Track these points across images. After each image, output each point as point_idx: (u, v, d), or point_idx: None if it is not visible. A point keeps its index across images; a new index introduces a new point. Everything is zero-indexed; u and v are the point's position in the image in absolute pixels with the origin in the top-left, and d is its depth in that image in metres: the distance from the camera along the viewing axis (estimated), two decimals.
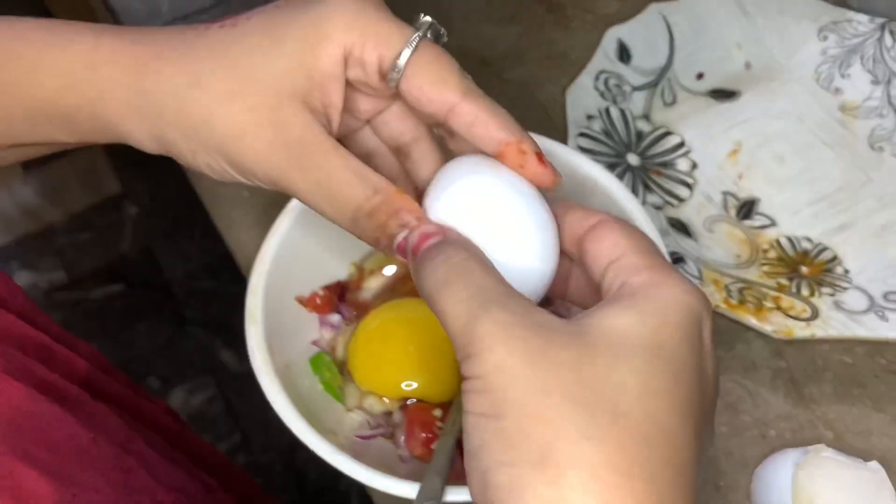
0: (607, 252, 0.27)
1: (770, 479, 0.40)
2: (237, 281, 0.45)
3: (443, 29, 0.30)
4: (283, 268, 0.40)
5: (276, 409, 0.35)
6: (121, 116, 0.31)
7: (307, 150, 0.29)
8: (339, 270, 0.45)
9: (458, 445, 0.34)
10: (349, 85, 0.31)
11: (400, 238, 0.28)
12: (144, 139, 0.32)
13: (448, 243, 0.27)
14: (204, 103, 0.29)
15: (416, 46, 0.29)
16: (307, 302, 0.42)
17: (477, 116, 0.29)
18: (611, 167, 0.53)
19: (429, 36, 0.30)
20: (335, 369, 0.42)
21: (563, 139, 0.55)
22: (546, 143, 0.41)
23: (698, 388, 0.24)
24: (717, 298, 0.47)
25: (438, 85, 0.29)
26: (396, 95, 0.31)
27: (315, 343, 0.43)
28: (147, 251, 1.51)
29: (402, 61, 0.29)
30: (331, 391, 0.41)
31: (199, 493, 0.44)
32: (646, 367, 0.23)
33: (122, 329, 1.44)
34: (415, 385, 0.40)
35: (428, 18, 0.29)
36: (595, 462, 0.21)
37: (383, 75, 0.30)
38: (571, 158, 0.43)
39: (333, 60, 0.29)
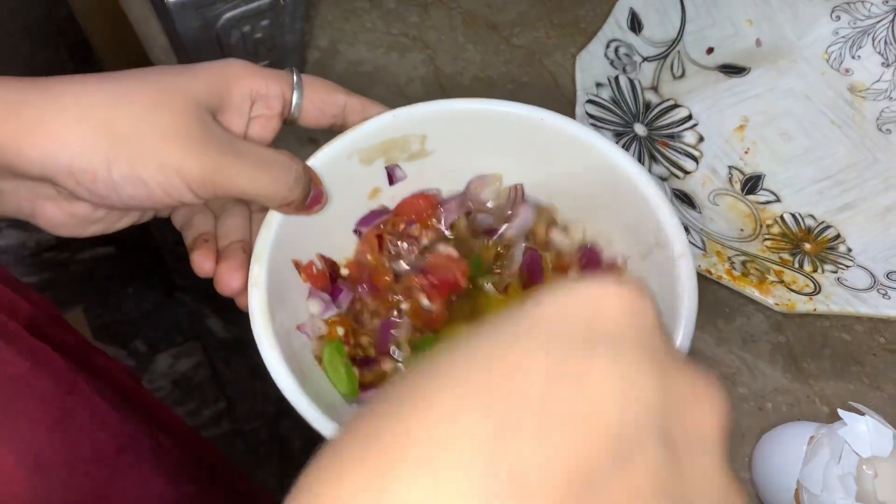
0: None
1: (777, 451, 0.40)
2: None
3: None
4: (290, 233, 0.38)
5: (275, 378, 0.33)
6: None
7: (235, 141, 0.34)
8: (347, 244, 0.43)
9: None
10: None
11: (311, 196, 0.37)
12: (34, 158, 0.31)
13: None
14: (131, 113, 0.31)
15: (301, 77, 0.37)
16: (303, 269, 0.40)
17: (363, 105, 0.39)
18: (618, 136, 0.52)
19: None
20: (351, 370, 0.39)
21: (570, 107, 0.54)
22: (554, 119, 0.39)
23: None
24: (720, 269, 0.47)
25: (331, 93, 0.38)
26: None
27: (301, 328, 0.39)
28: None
29: (296, 90, 0.37)
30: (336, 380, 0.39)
31: (147, 446, 0.42)
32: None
33: (109, 292, 1.43)
34: None
35: (291, 67, 0.39)
36: None
37: (286, 107, 0.37)
38: (579, 132, 0.39)
39: (242, 96, 0.36)
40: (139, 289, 1.42)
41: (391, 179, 0.42)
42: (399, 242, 0.42)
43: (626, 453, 0.17)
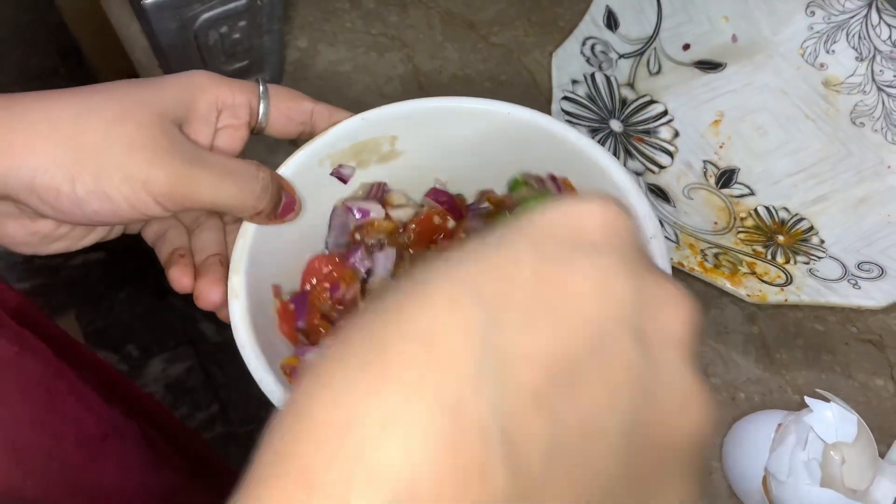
0: None
1: (746, 439, 0.40)
2: None
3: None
4: (266, 242, 0.38)
5: (262, 387, 0.33)
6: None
7: (201, 153, 0.34)
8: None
9: None
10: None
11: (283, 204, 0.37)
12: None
13: None
14: (97, 128, 0.31)
15: (266, 87, 0.38)
16: (280, 300, 0.39)
17: (330, 112, 0.39)
18: (593, 132, 0.53)
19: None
20: None
21: (547, 105, 0.55)
22: (522, 113, 0.40)
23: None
24: (692, 262, 0.47)
25: (297, 100, 0.38)
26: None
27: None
28: None
29: (262, 99, 0.37)
30: None
31: (133, 434, 0.42)
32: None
33: (101, 297, 1.43)
34: None
35: (256, 78, 0.40)
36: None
37: (253, 117, 0.37)
38: (555, 128, 0.40)
39: (208, 106, 0.36)
40: (131, 293, 1.42)
41: (342, 178, 0.41)
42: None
43: (603, 345, 0.18)
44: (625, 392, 0.19)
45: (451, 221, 0.42)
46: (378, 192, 0.43)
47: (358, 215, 0.42)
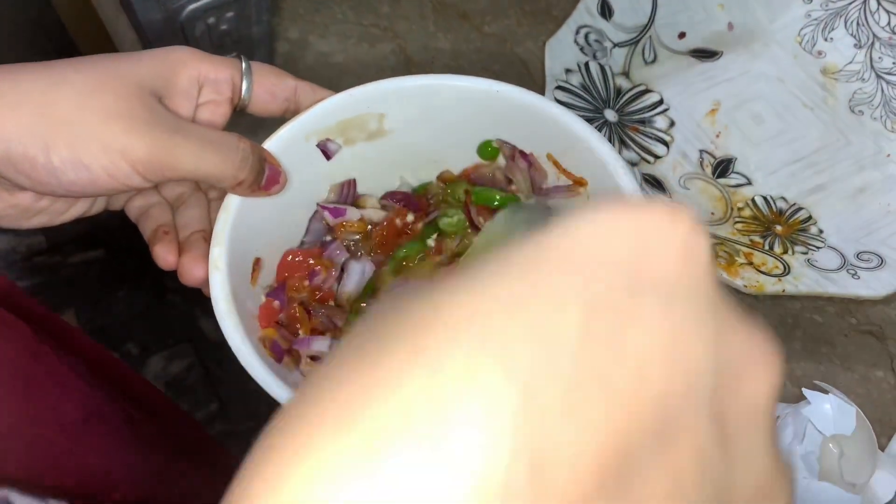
0: None
1: None
2: None
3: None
4: (250, 216, 0.38)
5: (240, 359, 0.33)
6: None
7: (180, 122, 0.33)
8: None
9: None
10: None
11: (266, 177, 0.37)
12: None
13: None
14: (71, 97, 0.31)
15: (249, 64, 0.37)
16: (264, 308, 0.38)
17: (314, 89, 0.39)
18: (587, 122, 0.52)
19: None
20: None
21: (540, 94, 0.54)
22: (510, 90, 0.39)
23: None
24: None
25: (281, 77, 0.38)
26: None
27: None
28: (127, 218, 1.49)
29: (245, 75, 0.37)
30: None
31: (116, 417, 0.42)
32: None
33: (100, 295, 1.43)
34: None
35: (239, 55, 0.39)
36: None
37: (236, 93, 0.36)
38: (552, 110, 0.39)
39: (189, 80, 0.35)
40: (130, 291, 1.42)
41: (326, 155, 0.41)
42: (322, 312, 0.40)
43: (670, 431, 0.14)
44: (692, 491, 0.14)
45: (410, 215, 0.42)
46: (349, 193, 0.42)
47: (333, 217, 0.41)
